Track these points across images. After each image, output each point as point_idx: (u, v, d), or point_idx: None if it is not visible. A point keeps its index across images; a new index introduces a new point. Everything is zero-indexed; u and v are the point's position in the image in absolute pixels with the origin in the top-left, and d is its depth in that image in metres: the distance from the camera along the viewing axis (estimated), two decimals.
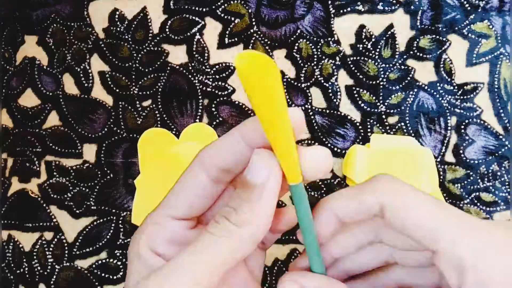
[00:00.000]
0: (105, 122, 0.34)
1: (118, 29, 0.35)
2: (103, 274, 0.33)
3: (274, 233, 0.22)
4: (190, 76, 0.34)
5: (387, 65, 0.34)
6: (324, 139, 0.34)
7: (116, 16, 0.35)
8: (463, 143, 0.34)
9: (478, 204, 0.33)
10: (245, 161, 0.19)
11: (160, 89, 0.34)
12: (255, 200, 0.18)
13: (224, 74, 0.34)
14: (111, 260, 0.33)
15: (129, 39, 0.35)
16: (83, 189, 0.34)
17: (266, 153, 0.18)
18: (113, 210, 0.34)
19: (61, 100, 0.35)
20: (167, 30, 0.35)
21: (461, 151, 0.34)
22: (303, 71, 0.34)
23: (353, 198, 0.20)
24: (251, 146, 0.19)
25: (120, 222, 0.34)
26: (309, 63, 0.34)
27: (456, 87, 0.34)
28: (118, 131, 0.34)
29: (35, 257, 0.34)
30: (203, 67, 0.34)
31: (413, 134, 0.34)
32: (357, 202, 0.19)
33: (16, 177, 0.34)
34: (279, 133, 0.17)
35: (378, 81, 0.34)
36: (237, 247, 0.18)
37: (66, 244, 0.34)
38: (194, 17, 0.35)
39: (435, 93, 0.34)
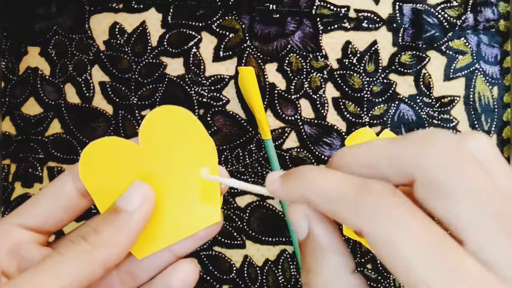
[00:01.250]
0: (105, 130, 0.36)
1: (118, 41, 0.36)
2: None
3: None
4: (186, 87, 0.36)
5: (371, 79, 0.37)
6: (312, 147, 0.36)
7: (116, 29, 0.36)
8: None
9: None
10: None
11: (158, 99, 0.36)
12: (120, 225, 0.18)
13: (219, 86, 0.37)
14: None
15: (129, 51, 0.36)
16: None
17: (144, 185, 0.18)
18: None
19: (63, 108, 0.36)
20: (165, 43, 0.37)
21: None
22: (293, 84, 0.37)
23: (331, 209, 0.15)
24: None
25: None
26: (298, 76, 0.37)
27: (434, 100, 0.37)
28: None
29: None
30: (199, 79, 0.37)
31: None
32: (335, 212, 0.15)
33: (19, 182, 0.36)
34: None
35: (362, 94, 0.37)
36: (87, 269, 0.17)
37: None
38: (190, 31, 0.37)
39: (414, 105, 0.37)
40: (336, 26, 0.37)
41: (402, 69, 0.37)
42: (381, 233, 0.13)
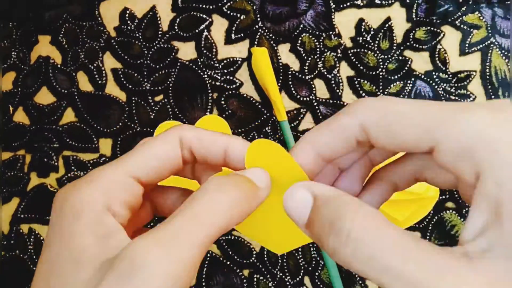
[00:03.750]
0: (119, 117, 0.36)
1: (129, 27, 0.36)
2: None
3: None
4: (199, 71, 0.36)
5: (386, 56, 0.36)
6: None
7: (127, 15, 0.36)
8: None
9: None
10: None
11: (171, 84, 0.36)
12: (252, 190, 0.18)
13: (232, 69, 0.36)
14: None
15: (140, 37, 0.36)
16: None
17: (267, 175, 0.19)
18: None
19: (76, 97, 0.36)
20: (176, 27, 0.36)
21: None
22: (307, 64, 0.36)
23: (330, 127, 0.17)
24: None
25: None
26: (312, 56, 0.36)
27: (450, 75, 0.36)
28: (132, 125, 0.36)
29: None
30: (212, 62, 0.36)
31: None
32: (335, 129, 0.17)
33: (35, 172, 0.36)
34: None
35: (377, 72, 0.36)
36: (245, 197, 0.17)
37: None
38: (201, 15, 0.36)
39: (431, 82, 0.36)
40: (348, 3, 0.36)
41: (417, 45, 0.36)
42: None
